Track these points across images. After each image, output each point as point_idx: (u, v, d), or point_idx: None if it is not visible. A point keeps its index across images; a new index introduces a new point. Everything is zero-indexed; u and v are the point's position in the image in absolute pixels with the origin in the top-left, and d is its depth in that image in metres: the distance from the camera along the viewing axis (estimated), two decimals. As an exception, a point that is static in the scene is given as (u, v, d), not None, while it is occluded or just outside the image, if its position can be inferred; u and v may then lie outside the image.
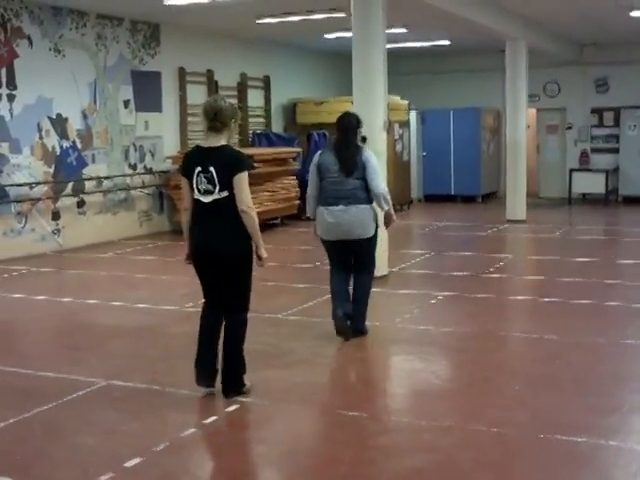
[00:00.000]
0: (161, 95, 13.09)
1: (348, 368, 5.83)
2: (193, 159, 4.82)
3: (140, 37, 12.62)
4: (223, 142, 4.77)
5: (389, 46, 9.18)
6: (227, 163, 4.68)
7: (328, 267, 6.39)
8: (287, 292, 8.16)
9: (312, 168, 6.24)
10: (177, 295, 8.08)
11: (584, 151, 17.93)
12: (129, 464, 3.96)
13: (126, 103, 12.40)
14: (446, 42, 15.89)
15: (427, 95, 18.19)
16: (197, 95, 13.74)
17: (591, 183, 17.06)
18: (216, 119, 4.73)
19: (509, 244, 12.22)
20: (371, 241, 6.17)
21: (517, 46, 13.85)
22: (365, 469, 3.98)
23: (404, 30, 13.70)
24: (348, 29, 9.03)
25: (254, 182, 12.48)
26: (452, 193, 17.56)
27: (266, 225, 13.07)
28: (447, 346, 6.21)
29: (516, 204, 14.13)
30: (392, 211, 6.24)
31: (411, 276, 9.19)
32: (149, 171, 12.89)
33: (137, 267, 9.98)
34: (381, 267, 8.63)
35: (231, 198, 4.66)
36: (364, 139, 8.55)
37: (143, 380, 5.30)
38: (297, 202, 13.93)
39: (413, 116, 17.29)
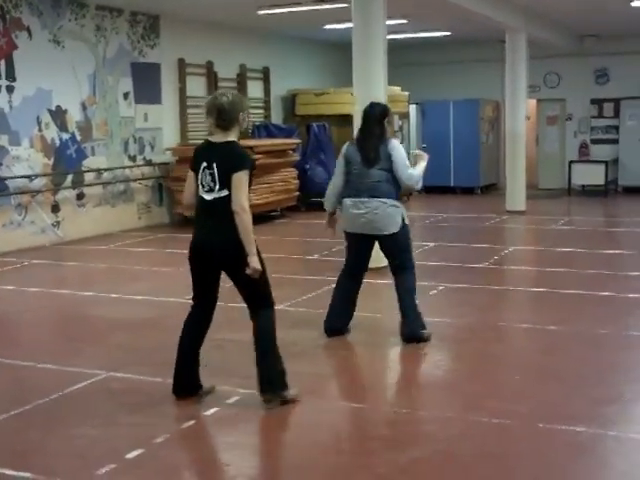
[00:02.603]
0: (161, 87, 13.06)
1: (349, 359, 5.84)
2: (201, 154, 4.58)
3: (140, 28, 12.58)
4: (230, 138, 4.53)
5: (389, 37, 9.15)
6: (227, 161, 4.44)
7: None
8: (288, 283, 8.15)
9: (339, 159, 6.02)
10: (177, 287, 8.05)
11: (584, 142, 17.91)
12: (130, 455, 3.96)
13: (126, 95, 12.38)
14: (446, 33, 15.86)
15: (427, 86, 18.16)
16: (197, 87, 13.74)
17: (591, 174, 17.00)
18: (221, 117, 4.49)
19: (509, 235, 12.21)
20: (396, 237, 5.81)
21: (517, 37, 13.83)
22: (366, 460, 3.99)
23: (404, 21, 13.67)
24: (348, 20, 9.01)
25: (254, 174, 12.68)
26: (452, 185, 17.54)
27: (266, 217, 13.08)
28: (448, 337, 6.21)
29: (516, 195, 14.13)
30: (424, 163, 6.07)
31: (411, 267, 9.17)
32: (149, 163, 12.88)
33: (137, 259, 9.98)
34: (379, 259, 8.63)
35: (230, 198, 4.42)
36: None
37: (144, 372, 5.31)
38: (296, 193, 13.93)
39: (413, 108, 17.26)
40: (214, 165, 4.45)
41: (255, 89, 15.30)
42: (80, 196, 11.67)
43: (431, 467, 3.88)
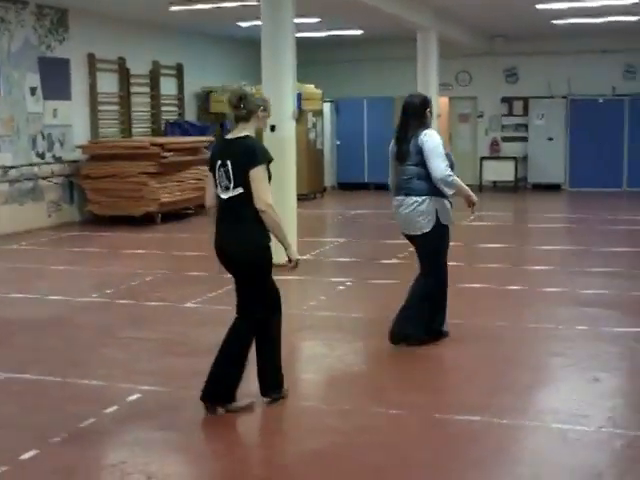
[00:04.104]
0: (70, 83, 12.78)
1: (253, 355, 5.85)
2: (216, 152, 4.46)
3: (47, 22, 12.27)
4: (246, 132, 4.37)
5: (302, 35, 9.24)
6: (241, 156, 4.27)
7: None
8: (198, 281, 8.12)
9: (389, 155, 5.77)
10: (83, 286, 7.97)
11: (495, 140, 18.39)
12: (24, 457, 3.91)
13: (33, 90, 12.06)
14: (359, 32, 16.01)
15: (341, 84, 18.28)
16: (108, 83, 13.52)
17: (501, 171, 17.53)
18: (241, 105, 4.34)
19: (420, 231, 12.42)
20: (425, 238, 5.55)
21: (428, 36, 14.09)
22: (266, 453, 4.04)
23: (317, 19, 13.75)
24: (260, 17, 9.01)
25: (165, 172, 12.53)
26: (365, 181, 17.76)
27: (181, 215, 12.96)
28: (352, 332, 6.31)
29: (428, 192, 14.37)
30: (466, 191, 5.68)
31: (320, 263, 9.26)
32: (58, 160, 12.58)
33: (44, 258, 9.76)
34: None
35: (246, 196, 4.24)
36: (272, 128, 8.60)
37: (44, 372, 5.22)
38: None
39: (327, 105, 17.39)
40: (228, 162, 4.30)
41: (168, 86, 15.13)
42: (-15, 194, 11.32)
43: (329, 459, 3.94)
